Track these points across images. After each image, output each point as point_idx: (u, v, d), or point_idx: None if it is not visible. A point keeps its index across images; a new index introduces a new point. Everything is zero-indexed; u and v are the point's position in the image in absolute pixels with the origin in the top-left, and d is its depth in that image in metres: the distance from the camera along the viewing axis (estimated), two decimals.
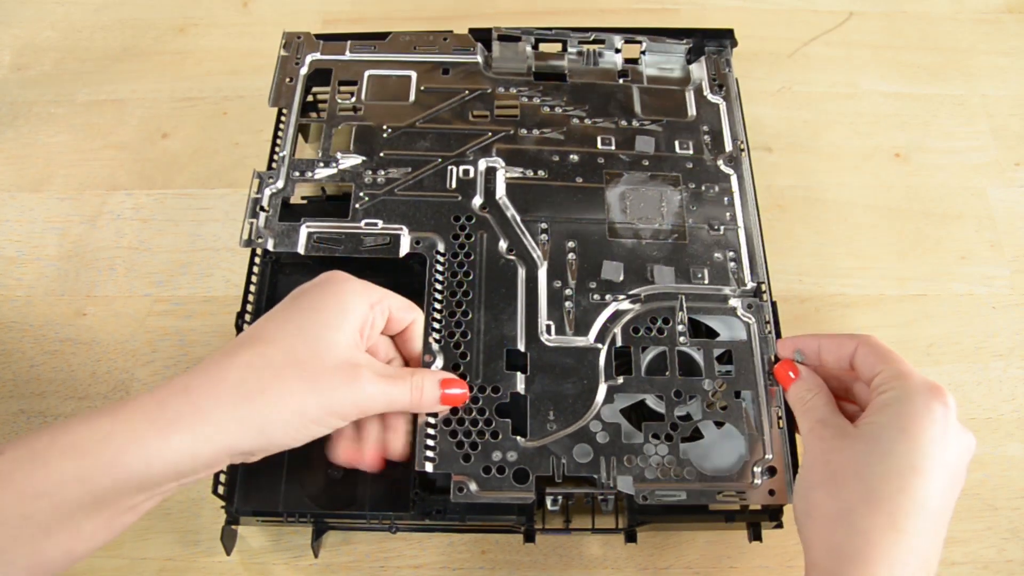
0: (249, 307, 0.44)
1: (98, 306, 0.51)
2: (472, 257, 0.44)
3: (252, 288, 0.45)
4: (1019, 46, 0.62)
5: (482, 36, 0.52)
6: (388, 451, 0.38)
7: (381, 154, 0.48)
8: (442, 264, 0.44)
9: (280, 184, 0.46)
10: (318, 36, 0.52)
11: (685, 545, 0.44)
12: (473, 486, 0.39)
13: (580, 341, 0.42)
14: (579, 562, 0.43)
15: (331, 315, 0.35)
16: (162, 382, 0.33)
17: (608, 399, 0.41)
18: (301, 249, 0.44)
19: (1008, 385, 0.48)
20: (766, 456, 0.40)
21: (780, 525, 0.40)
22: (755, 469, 0.39)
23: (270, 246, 0.44)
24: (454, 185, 0.47)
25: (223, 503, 0.40)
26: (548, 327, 0.43)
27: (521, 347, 0.42)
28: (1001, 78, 0.60)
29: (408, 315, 0.39)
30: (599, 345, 0.42)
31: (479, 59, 0.52)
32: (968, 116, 0.59)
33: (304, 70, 0.51)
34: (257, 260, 0.45)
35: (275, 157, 0.48)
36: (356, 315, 0.36)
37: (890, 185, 0.55)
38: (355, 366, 0.35)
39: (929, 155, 0.57)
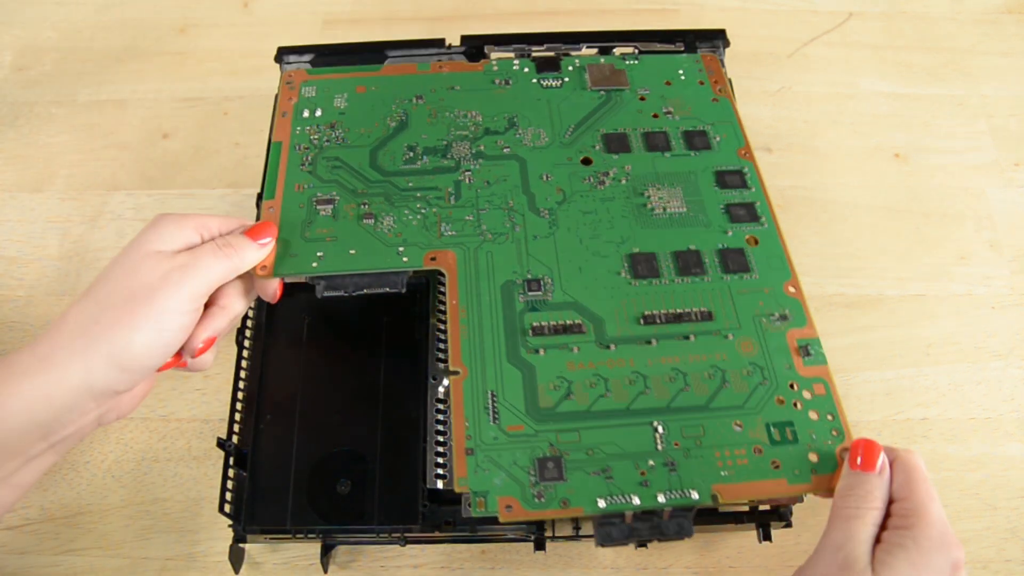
0: (249, 322, 0.44)
1: None
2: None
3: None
4: (1019, 46, 0.62)
5: (474, 43, 0.51)
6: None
7: None
8: (443, 285, 0.44)
9: None
10: (314, 59, 0.51)
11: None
12: None
13: None
14: (579, 562, 0.43)
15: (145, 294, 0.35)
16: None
17: None
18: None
19: (1007, 385, 0.48)
20: None
21: (789, 525, 0.39)
22: None
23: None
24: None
25: (230, 521, 0.39)
26: None
27: None
28: (1001, 78, 0.60)
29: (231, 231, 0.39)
30: None
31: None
32: (967, 116, 0.59)
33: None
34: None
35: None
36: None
37: (890, 185, 0.56)
38: (169, 259, 0.35)
39: (929, 155, 0.57)
